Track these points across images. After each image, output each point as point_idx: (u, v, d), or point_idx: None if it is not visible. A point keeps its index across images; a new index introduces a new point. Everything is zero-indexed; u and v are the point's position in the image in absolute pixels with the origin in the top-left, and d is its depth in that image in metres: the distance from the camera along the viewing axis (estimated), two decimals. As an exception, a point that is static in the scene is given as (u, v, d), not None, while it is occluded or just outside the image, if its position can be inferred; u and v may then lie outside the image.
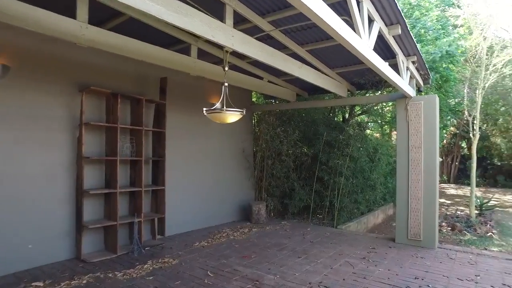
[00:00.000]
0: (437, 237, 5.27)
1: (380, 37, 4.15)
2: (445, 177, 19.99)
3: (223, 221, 6.78)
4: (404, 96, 5.44)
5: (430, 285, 3.69)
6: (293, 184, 7.20)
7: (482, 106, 17.03)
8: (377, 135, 10.97)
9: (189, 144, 6.10)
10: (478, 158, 20.37)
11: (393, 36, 4.34)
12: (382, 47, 4.71)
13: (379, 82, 6.27)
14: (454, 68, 7.67)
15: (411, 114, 5.38)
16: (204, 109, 3.81)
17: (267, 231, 6.20)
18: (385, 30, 4.06)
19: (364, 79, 6.24)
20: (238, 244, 5.28)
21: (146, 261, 4.33)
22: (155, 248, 4.87)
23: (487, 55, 8.68)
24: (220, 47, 4.48)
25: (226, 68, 4.02)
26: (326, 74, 5.81)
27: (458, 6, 9.20)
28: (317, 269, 4.16)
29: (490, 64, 8.45)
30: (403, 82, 4.93)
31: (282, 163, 7.23)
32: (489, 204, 9.38)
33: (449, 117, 17.78)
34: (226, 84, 3.92)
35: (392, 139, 12.61)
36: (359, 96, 6.76)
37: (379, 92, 6.51)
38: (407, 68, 5.23)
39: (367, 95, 7.76)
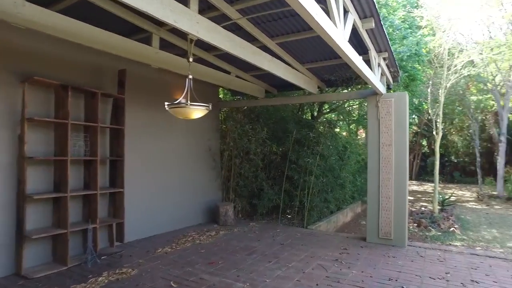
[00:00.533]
0: (406, 235, 5.25)
1: (354, 32, 3.99)
2: (407, 174, 20.67)
3: (188, 224, 6.40)
4: (375, 93, 5.36)
5: (404, 286, 3.59)
6: (262, 183, 6.96)
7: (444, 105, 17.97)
8: (345, 133, 11.03)
9: (151, 142, 5.66)
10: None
11: (366, 31, 4.20)
12: (355, 42, 4.56)
13: (349, 79, 6.18)
14: (419, 67, 7.78)
15: (382, 111, 5.31)
16: (166, 103, 3.45)
17: (235, 234, 5.90)
18: (359, 23, 3.90)
19: (335, 76, 6.12)
20: (204, 249, 4.95)
21: (101, 272, 3.87)
22: (112, 257, 4.42)
23: (448, 56, 8.95)
24: (184, 37, 4.11)
25: (191, 59, 3.67)
26: (296, 70, 5.61)
27: (421, 7, 9.40)
28: (289, 274, 3.93)
29: (451, 65, 8.71)
30: (375, 78, 4.83)
31: (251, 162, 6.97)
32: (450, 199, 9.71)
33: (414, 115, 18.44)
34: (190, 76, 3.58)
35: (359, 137, 12.78)
36: (330, 93, 6.64)
37: (349, 89, 6.43)
38: (379, 65, 5.14)
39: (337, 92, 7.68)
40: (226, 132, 7.29)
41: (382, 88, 5.27)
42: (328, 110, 8.80)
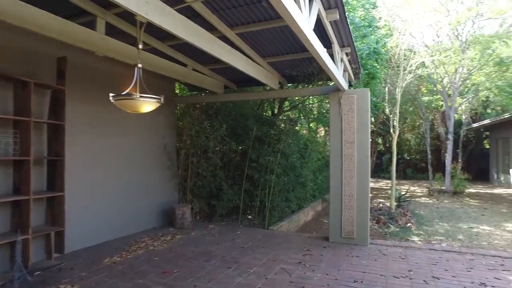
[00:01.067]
0: (368, 233, 5.20)
1: (318, 24, 3.79)
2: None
3: (142, 228, 5.90)
4: (338, 89, 5.24)
5: (369, 288, 3.46)
6: (221, 183, 6.62)
7: (393, 104, 18.78)
8: (305, 131, 11.00)
9: (97, 139, 5.10)
10: (391, 153, 22.43)
11: (330, 23, 4.02)
12: (318, 34, 4.39)
13: (311, 74, 6.04)
14: (378, 66, 7.88)
15: (344, 108, 5.21)
16: (111, 94, 3.01)
17: (192, 238, 5.52)
18: (323, 13, 3.71)
19: (297, 71, 5.94)
20: (158, 256, 4.52)
21: (33, 291, 3.34)
22: (49, 272, 3.86)
23: (405, 56, 9.20)
24: (134, 22, 3.67)
25: (140, 46, 3.27)
26: (257, 63, 5.35)
27: (378, 7, 9.59)
28: (251, 281, 3.65)
29: (407, 65, 8.95)
30: (338, 73, 4.70)
31: (209, 161, 6.60)
32: (405, 196, 10.01)
33: (371, 115, 19.06)
34: (139, 65, 3.18)
35: (319, 135, 12.85)
36: (291, 89, 6.47)
37: (311, 85, 6.29)
38: (341, 60, 5.03)
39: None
40: (183, 129, 6.85)
41: (344, 84, 5.16)
42: (289, 107, 8.66)
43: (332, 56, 4.53)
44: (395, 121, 9.01)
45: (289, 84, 6.76)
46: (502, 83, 12.01)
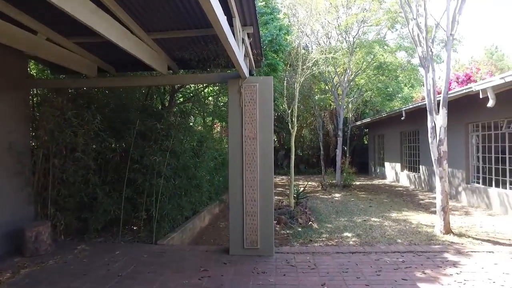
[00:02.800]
0: (273, 241, 4.60)
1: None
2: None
3: (-32, 262, 4.13)
4: (238, 76, 4.48)
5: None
6: (95, 191, 5.19)
7: (288, 101, 19.39)
8: (200, 127, 10.06)
9: None
10: (286, 149, 23.28)
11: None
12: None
13: (207, 59, 5.16)
14: (279, 58, 7.46)
15: (245, 98, 4.47)
16: None
17: (48, 269, 4.06)
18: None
19: (189, 54, 4.97)
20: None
21: None
22: None
23: (303, 51, 9.10)
24: None
25: None
26: (139, 38, 4.20)
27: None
28: (123, 335, 2.57)
29: (306, 60, 8.84)
30: (240, 55, 3.91)
31: (78, 163, 5.11)
32: (304, 192, 10.02)
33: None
34: None
35: (215, 131, 12.07)
36: (183, 74, 5.47)
37: (206, 72, 5.40)
38: (243, 41, 4.26)
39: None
40: (40, 122, 5.19)
41: (246, 71, 4.43)
42: (182, 99, 7.61)
43: (233, 34, 3.72)
44: (293, 117, 8.82)
45: (181, 71, 5.74)
46: (381, 85, 13.21)
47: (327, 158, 19.73)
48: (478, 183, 9.32)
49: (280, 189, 13.67)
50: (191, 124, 6.74)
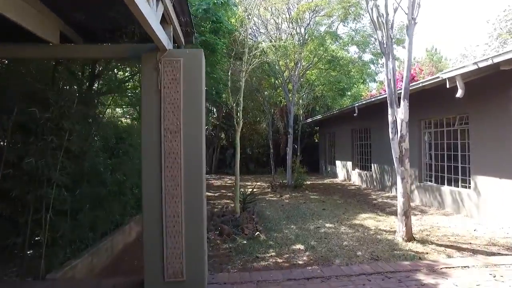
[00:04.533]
0: (206, 270, 3.46)
1: None
2: (207, 168, 20.36)
3: None
4: (156, 49, 3.26)
5: None
6: None
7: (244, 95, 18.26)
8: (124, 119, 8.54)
9: None
10: (234, 148, 22.19)
11: None
12: None
13: (117, 29, 3.87)
14: (219, 40, 6.29)
15: (165, 77, 3.26)
16: None
17: None
18: None
19: (91, 18, 3.64)
20: None
21: None
22: None
23: (251, 38, 8.06)
24: None
25: None
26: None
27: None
28: None
29: (253, 47, 7.79)
30: (154, 17, 2.71)
31: None
32: (251, 196, 8.97)
33: (212, 107, 17.84)
34: None
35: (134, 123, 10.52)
36: (82, 45, 4.09)
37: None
38: (161, 0, 3.06)
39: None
40: None
41: (165, 41, 3.22)
42: (105, 88, 6.12)
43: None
44: (239, 111, 7.74)
45: (87, 43, 4.35)
46: (333, 79, 12.66)
47: (278, 157, 18.99)
48: (431, 181, 8.98)
49: (224, 191, 12.56)
50: (102, 113, 5.22)
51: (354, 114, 11.45)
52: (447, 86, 6.20)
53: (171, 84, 3.27)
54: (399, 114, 5.40)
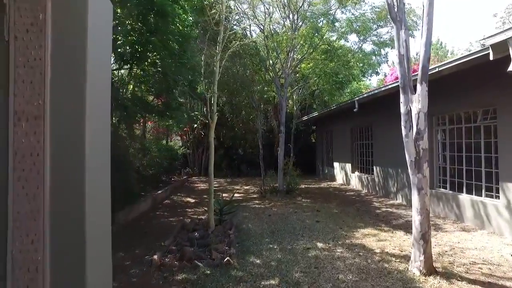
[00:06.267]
0: None
1: None
2: (196, 169, 18.97)
3: None
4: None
5: None
6: None
7: (227, 95, 16.78)
8: None
9: None
10: (225, 148, 20.72)
11: None
12: None
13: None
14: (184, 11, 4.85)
15: (19, 20, 1.82)
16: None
17: None
18: None
19: None
20: None
21: None
22: None
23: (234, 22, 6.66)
24: None
25: None
26: None
27: None
28: None
29: (230, 21, 6.37)
30: None
31: None
32: (231, 204, 7.55)
33: (197, 102, 16.35)
34: None
35: None
36: None
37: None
38: None
39: None
40: None
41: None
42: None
43: None
44: (213, 102, 6.32)
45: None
46: (330, 71, 11.25)
47: (271, 158, 17.56)
48: (445, 188, 7.57)
49: (207, 197, 11.15)
50: None
51: (354, 110, 10.04)
52: (491, 58, 4.59)
53: (30, 31, 1.83)
54: (415, 102, 3.99)
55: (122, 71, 7.19)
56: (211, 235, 5.91)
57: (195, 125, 18.21)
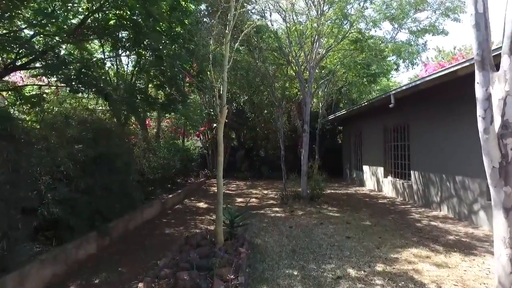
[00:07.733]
0: None
1: None
2: (214, 171, 18.00)
3: None
4: None
5: None
6: None
7: (249, 93, 15.76)
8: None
9: None
10: (246, 149, 19.68)
11: None
12: None
13: None
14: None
15: None
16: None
17: None
18: None
19: None
20: None
21: None
22: None
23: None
24: None
25: None
26: None
27: None
28: None
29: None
30: None
31: None
32: (244, 215, 6.44)
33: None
34: None
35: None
36: None
37: None
38: None
39: None
40: None
41: None
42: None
43: None
44: (222, 93, 5.26)
45: None
46: (361, 61, 9.94)
47: (295, 160, 16.34)
48: None
49: (229, 201, 10.11)
50: None
51: (390, 105, 8.68)
52: None
53: None
54: (501, 82, 2.74)
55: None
56: (218, 252, 4.85)
57: (214, 125, 17.29)
